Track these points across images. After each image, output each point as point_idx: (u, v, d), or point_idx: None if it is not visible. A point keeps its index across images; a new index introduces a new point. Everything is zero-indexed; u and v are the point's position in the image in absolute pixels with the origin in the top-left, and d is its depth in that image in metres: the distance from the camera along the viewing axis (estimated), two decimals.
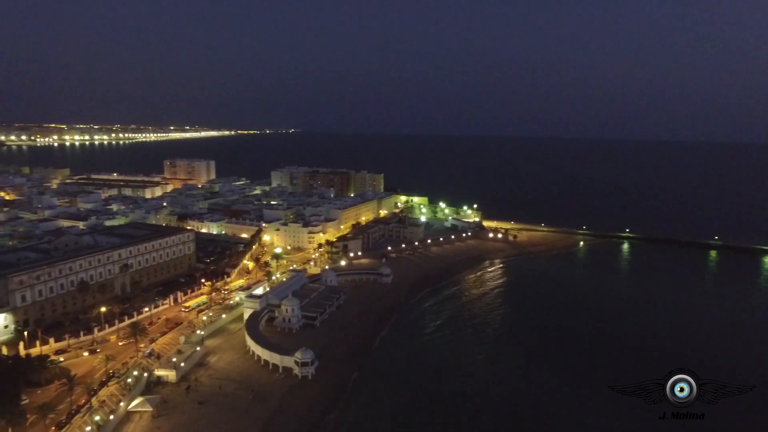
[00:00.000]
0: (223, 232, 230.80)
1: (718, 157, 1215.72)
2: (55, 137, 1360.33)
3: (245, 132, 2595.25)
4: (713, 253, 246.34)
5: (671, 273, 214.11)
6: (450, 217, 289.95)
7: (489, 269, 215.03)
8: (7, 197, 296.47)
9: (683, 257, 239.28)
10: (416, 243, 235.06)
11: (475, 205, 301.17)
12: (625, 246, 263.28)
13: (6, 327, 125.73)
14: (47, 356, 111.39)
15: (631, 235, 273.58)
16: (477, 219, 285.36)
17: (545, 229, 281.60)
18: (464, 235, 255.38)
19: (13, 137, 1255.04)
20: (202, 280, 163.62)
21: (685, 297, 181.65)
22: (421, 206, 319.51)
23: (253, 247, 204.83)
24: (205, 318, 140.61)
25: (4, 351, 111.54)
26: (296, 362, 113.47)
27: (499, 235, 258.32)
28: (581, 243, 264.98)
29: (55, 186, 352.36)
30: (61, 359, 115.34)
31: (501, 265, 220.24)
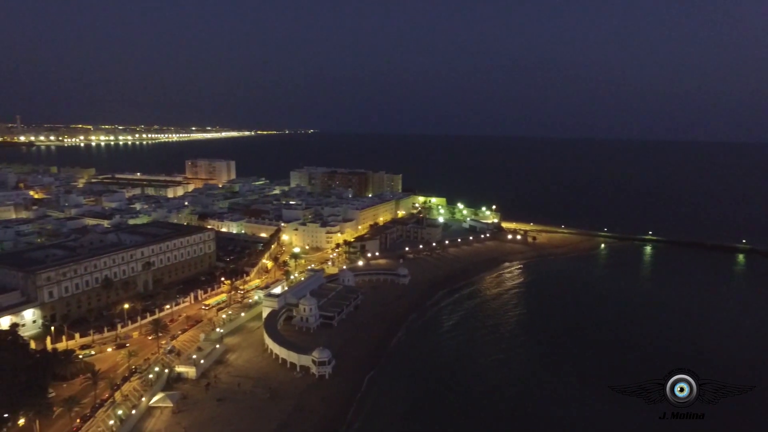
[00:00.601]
0: (243, 231, 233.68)
1: (743, 157, 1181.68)
2: (82, 138, 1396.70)
3: (265, 132, 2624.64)
4: (741, 257, 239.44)
5: (696, 277, 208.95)
6: (468, 218, 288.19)
7: (507, 271, 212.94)
8: (36, 196, 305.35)
9: (709, 261, 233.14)
10: (434, 244, 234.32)
11: (494, 206, 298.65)
12: (648, 249, 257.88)
13: (34, 322, 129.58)
14: (73, 351, 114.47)
15: (654, 237, 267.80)
16: (496, 220, 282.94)
17: (565, 230, 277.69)
18: (482, 236, 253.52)
19: (42, 138, 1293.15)
20: (222, 279, 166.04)
21: (710, 302, 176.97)
22: (439, 207, 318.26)
23: (272, 246, 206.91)
24: (224, 316, 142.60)
25: (33, 345, 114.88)
26: (313, 361, 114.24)
27: (518, 237, 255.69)
28: (602, 245, 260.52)
29: (81, 185, 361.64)
30: (92, 352, 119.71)
31: (520, 267, 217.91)
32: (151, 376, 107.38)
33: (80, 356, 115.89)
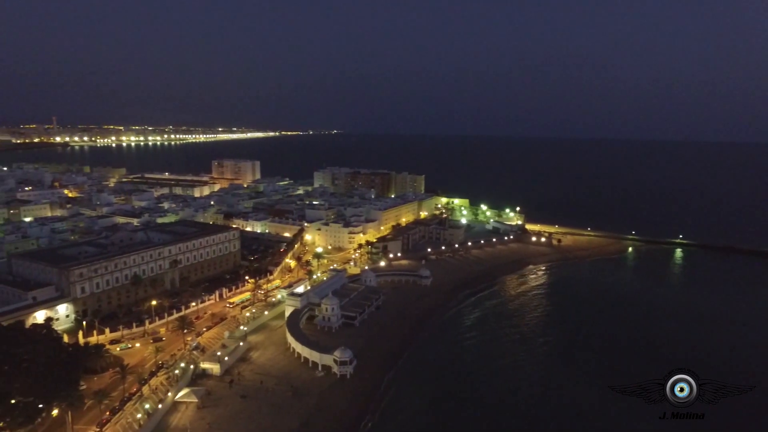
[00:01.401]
0: (267, 231, 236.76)
1: None
2: (113, 138, 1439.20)
3: (289, 133, 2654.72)
4: None
5: (729, 283, 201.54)
6: (491, 220, 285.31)
7: (531, 274, 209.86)
8: (70, 194, 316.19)
9: (744, 267, 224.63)
10: (456, 245, 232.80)
11: (518, 208, 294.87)
12: (678, 253, 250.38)
13: (67, 316, 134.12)
14: (103, 345, 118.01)
15: (684, 241, 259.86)
16: (520, 222, 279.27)
17: (591, 233, 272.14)
18: (506, 238, 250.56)
19: (76, 138, 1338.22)
20: (246, 277, 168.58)
21: (742, 308, 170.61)
22: (462, 208, 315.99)
23: (295, 246, 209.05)
24: (248, 314, 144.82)
25: (66, 339, 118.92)
26: (335, 361, 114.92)
27: (543, 239, 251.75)
28: (630, 249, 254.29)
29: (112, 184, 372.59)
30: (129, 345, 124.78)
31: (544, 270, 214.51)
32: (177, 371, 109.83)
33: (118, 348, 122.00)
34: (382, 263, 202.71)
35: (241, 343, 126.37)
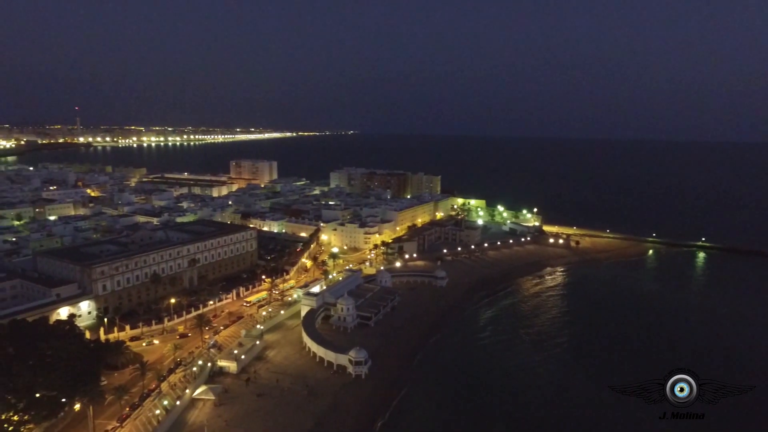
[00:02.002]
0: (284, 230, 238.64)
1: None
2: (135, 139, 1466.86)
3: (306, 134, 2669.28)
4: None
5: (754, 287, 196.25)
6: (508, 221, 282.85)
7: (549, 276, 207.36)
8: (92, 194, 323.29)
9: None
10: (473, 246, 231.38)
11: (535, 209, 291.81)
12: (701, 256, 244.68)
13: (89, 313, 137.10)
14: (123, 342, 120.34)
15: (707, 244, 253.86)
16: (537, 223, 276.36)
17: (610, 235, 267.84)
18: (523, 239, 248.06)
19: (99, 139, 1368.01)
20: (263, 277, 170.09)
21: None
22: (479, 209, 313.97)
23: (311, 246, 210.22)
24: (264, 313, 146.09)
25: (87, 335, 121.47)
26: (350, 361, 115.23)
27: (560, 241, 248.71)
28: (650, 251, 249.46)
29: (133, 184, 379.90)
30: (156, 341, 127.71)
31: (562, 272, 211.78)
32: (194, 369, 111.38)
33: (143, 344, 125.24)
34: (398, 264, 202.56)
35: (258, 342, 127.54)
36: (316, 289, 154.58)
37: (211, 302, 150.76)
